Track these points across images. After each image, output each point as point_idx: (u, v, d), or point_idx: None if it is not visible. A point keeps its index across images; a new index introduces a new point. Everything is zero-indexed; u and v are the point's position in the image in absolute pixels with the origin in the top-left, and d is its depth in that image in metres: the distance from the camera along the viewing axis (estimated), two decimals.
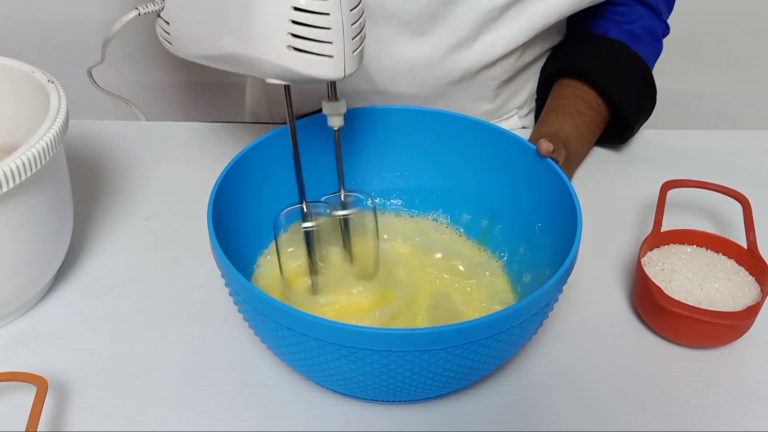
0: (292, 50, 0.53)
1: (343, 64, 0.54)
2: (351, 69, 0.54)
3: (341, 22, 0.52)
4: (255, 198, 0.65)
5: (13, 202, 0.57)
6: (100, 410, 0.58)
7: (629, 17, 0.88)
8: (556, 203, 0.62)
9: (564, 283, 0.55)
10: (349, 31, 0.53)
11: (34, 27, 1.31)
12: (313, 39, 0.52)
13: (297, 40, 0.52)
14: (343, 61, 0.53)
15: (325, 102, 0.60)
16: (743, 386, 0.61)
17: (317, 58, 0.53)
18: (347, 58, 0.54)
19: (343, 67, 0.54)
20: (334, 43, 0.53)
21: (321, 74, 0.54)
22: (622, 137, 0.88)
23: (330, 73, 0.54)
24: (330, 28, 0.52)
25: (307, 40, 0.52)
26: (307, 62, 0.53)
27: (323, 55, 0.53)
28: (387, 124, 0.70)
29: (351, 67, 0.54)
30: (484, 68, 0.87)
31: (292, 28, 0.52)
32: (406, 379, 0.52)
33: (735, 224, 0.76)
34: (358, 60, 0.55)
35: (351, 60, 0.54)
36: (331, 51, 0.53)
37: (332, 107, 0.60)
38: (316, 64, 0.53)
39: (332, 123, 0.61)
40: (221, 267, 0.54)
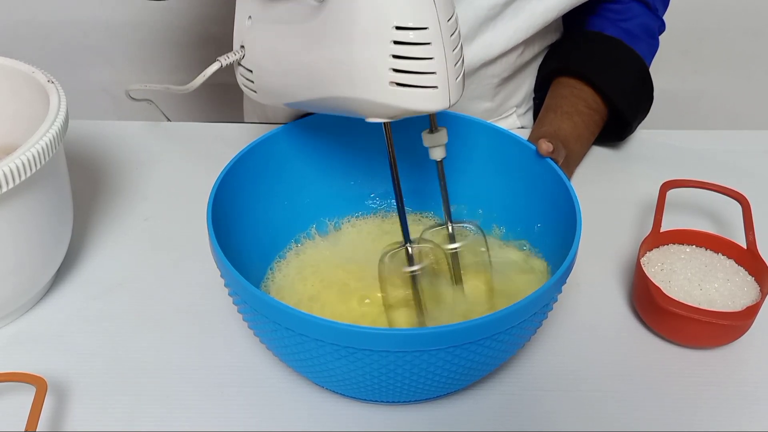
0: (395, 86, 0.50)
1: (448, 93, 0.51)
2: (456, 97, 0.52)
3: (443, 50, 0.50)
4: (255, 198, 0.65)
5: (12, 202, 0.57)
6: (100, 410, 0.58)
7: (625, 15, 0.88)
8: (556, 203, 0.62)
9: (563, 283, 0.55)
10: (451, 57, 0.50)
11: (34, 27, 1.31)
12: (417, 71, 0.50)
13: (399, 74, 0.50)
14: (448, 90, 0.51)
15: (425, 134, 0.57)
16: (742, 386, 0.61)
17: (422, 91, 0.50)
18: (452, 86, 0.51)
19: (448, 96, 0.51)
20: (438, 73, 0.50)
21: (426, 107, 0.51)
22: (621, 135, 0.88)
23: (436, 104, 0.51)
24: (432, 58, 0.50)
25: (410, 74, 0.50)
26: (412, 96, 0.50)
27: (428, 87, 0.50)
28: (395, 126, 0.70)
29: (456, 95, 0.52)
30: (484, 66, 0.87)
31: (394, 63, 0.49)
32: (406, 380, 0.52)
33: (734, 224, 0.76)
34: (462, 86, 0.53)
35: (455, 87, 0.51)
36: (436, 81, 0.50)
37: (433, 139, 0.57)
38: (420, 96, 0.50)
39: (434, 155, 0.58)
40: (221, 267, 0.54)
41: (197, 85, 0.71)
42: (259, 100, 0.66)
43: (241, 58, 0.64)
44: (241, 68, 0.65)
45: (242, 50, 0.62)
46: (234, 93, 1.18)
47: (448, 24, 0.50)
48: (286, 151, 0.67)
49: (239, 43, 0.65)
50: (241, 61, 0.64)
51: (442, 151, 0.58)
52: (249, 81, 0.64)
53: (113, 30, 1.32)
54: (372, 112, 0.53)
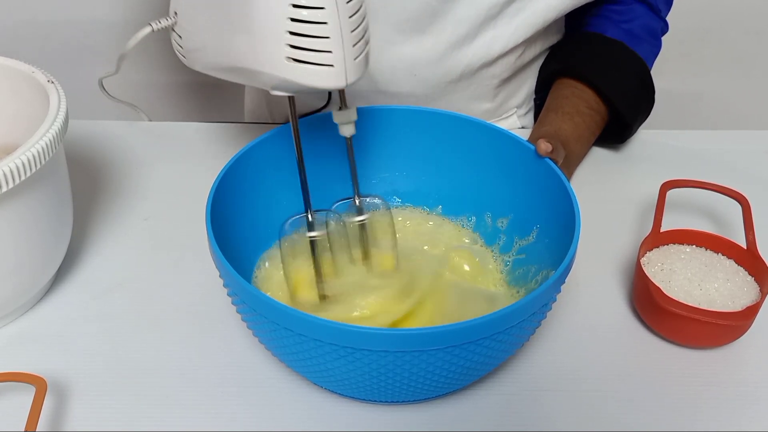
0: (292, 61, 0.52)
1: (345, 73, 0.52)
2: (354, 77, 0.53)
3: (340, 30, 0.51)
4: (254, 198, 0.65)
5: (12, 202, 0.57)
6: (99, 410, 0.58)
7: (627, 16, 0.88)
8: (555, 203, 0.62)
9: (562, 283, 0.55)
10: (348, 38, 0.51)
11: (34, 27, 1.31)
12: (312, 49, 0.51)
13: (296, 51, 0.51)
14: (344, 70, 0.52)
15: (335, 111, 0.59)
16: (742, 386, 0.61)
17: (318, 68, 0.52)
18: (348, 65, 0.52)
19: (344, 75, 0.52)
20: (334, 52, 0.51)
21: (322, 84, 0.52)
22: (621, 137, 0.88)
23: (332, 82, 0.52)
24: (328, 37, 0.51)
25: (306, 51, 0.51)
26: (308, 73, 0.52)
27: (324, 65, 0.52)
28: (385, 124, 0.70)
29: (353, 74, 0.53)
30: (485, 66, 0.87)
31: (290, 39, 0.51)
32: (405, 380, 0.52)
33: (734, 224, 0.76)
34: (361, 67, 0.54)
35: (353, 67, 0.53)
36: (332, 60, 0.51)
37: (342, 116, 0.59)
38: (317, 74, 0.52)
39: (344, 132, 0.60)
40: (220, 267, 0.54)
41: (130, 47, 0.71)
42: (188, 65, 0.66)
43: (173, 24, 0.65)
44: (174, 33, 0.66)
45: (175, 16, 0.64)
46: (234, 93, 1.18)
47: (347, 5, 0.51)
48: (284, 152, 0.67)
49: (173, 9, 0.66)
50: (174, 27, 0.65)
51: (351, 128, 0.60)
52: (179, 46, 0.66)
53: (113, 30, 1.32)
54: (273, 85, 0.54)
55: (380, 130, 0.70)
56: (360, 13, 0.53)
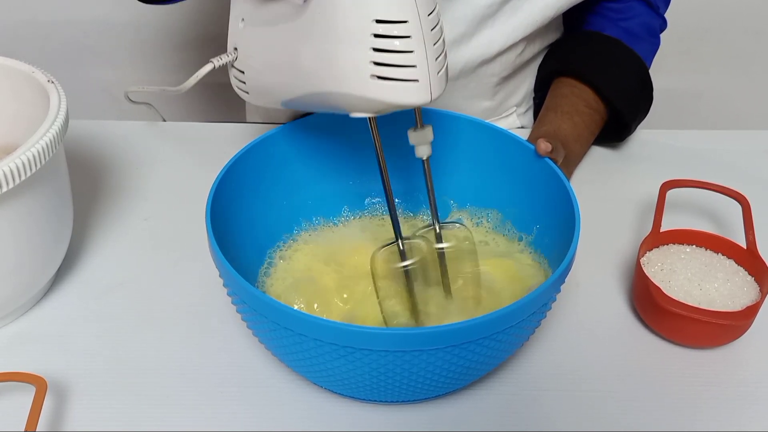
0: (377, 79, 0.50)
1: (429, 87, 0.51)
2: (438, 91, 0.52)
3: (423, 44, 0.50)
4: (254, 198, 0.65)
5: (12, 202, 0.57)
6: (99, 410, 0.58)
7: (626, 14, 0.88)
8: (555, 203, 0.62)
9: (562, 283, 0.55)
10: (432, 51, 0.50)
11: (34, 27, 1.31)
12: (397, 65, 0.50)
13: (380, 68, 0.50)
14: (429, 84, 0.51)
15: (411, 131, 0.57)
16: (742, 386, 0.61)
17: (402, 84, 0.50)
18: (433, 79, 0.51)
19: (429, 89, 0.51)
20: (418, 66, 0.50)
21: (408, 100, 0.51)
22: (620, 136, 0.88)
23: (417, 98, 0.51)
24: (413, 51, 0.50)
25: (390, 67, 0.50)
26: (393, 89, 0.50)
27: (409, 80, 0.50)
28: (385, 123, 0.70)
29: (437, 89, 0.52)
30: (483, 64, 0.87)
31: (374, 56, 0.50)
32: (405, 379, 0.52)
33: (734, 224, 0.76)
34: (443, 80, 0.53)
35: (437, 81, 0.51)
36: (416, 75, 0.50)
37: (419, 136, 0.57)
38: (401, 90, 0.51)
39: (420, 153, 0.57)
40: (219, 267, 0.54)
41: (190, 85, 0.71)
42: (251, 101, 0.66)
43: (234, 59, 0.64)
44: (234, 70, 0.66)
45: (235, 52, 0.63)
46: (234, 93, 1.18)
47: (428, 18, 0.50)
48: (284, 151, 0.67)
49: (233, 45, 0.65)
50: (234, 62, 0.65)
51: (427, 149, 0.57)
52: (241, 82, 0.65)
53: (113, 30, 1.32)
54: (355, 106, 0.53)
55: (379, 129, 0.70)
56: (440, 26, 0.52)
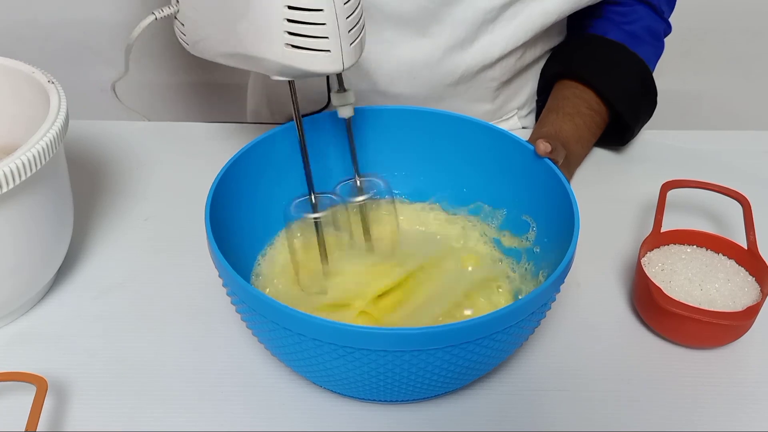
0: (291, 47, 0.54)
1: (341, 57, 0.55)
2: (350, 61, 0.56)
3: (335, 17, 0.53)
4: (253, 198, 0.65)
5: (12, 202, 0.57)
6: (100, 410, 0.58)
7: (629, 17, 0.88)
8: (555, 204, 0.62)
9: (561, 283, 0.55)
10: (344, 24, 0.54)
11: (34, 27, 1.31)
12: (309, 35, 0.53)
13: (294, 37, 0.54)
14: (341, 55, 0.55)
15: (333, 94, 0.61)
16: (743, 386, 0.61)
17: (315, 54, 0.54)
18: (345, 51, 0.55)
19: (341, 60, 0.55)
20: (330, 38, 0.54)
21: (320, 69, 0.55)
22: (622, 139, 0.88)
23: (329, 67, 0.55)
24: (325, 24, 0.53)
25: (303, 37, 0.53)
26: (306, 58, 0.54)
27: (321, 50, 0.54)
28: (386, 124, 0.70)
29: (350, 59, 0.55)
30: (484, 69, 0.87)
31: (288, 27, 0.53)
32: (404, 379, 0.52)
33: (735, 224, 0.76)
34: (357, 51, 0.56)
35: (349, 52, 0.55)
36: (328, 45, 0.54)
37: (341, 98, 0.61)
38: (314, 59, 0.54)
39: (342, 114, 0.62)
40: (219, 267, 0.54)
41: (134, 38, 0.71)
42: (192, 53, 0.67)
43: (176, 12, 0.65)
44: (176, 21, 0.67)
45: (177, 4, 0.64)
46: (234, 93, 1.18)
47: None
48: (283, 152, 0.67)
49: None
50: (176, 15, 0.66)
51: (350, 110, 0.62)
52: (182, 34, 0.67)
53: (113, 30, 1.32)
54: (274, 70, 0.57)
55: (380, 129, 0.70)
56: None
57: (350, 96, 0.62)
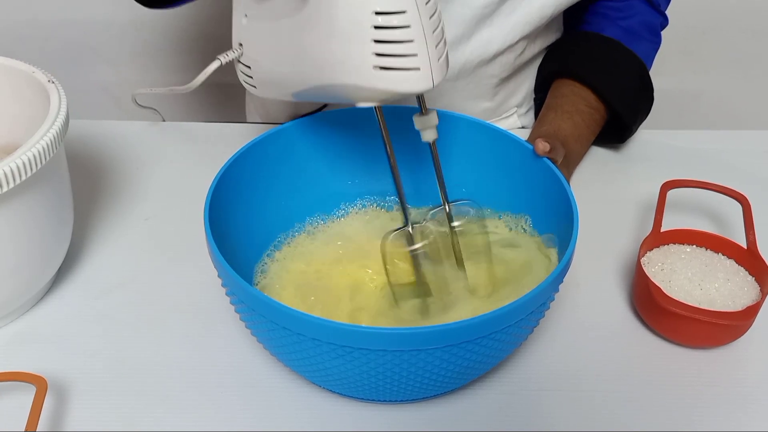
0: (379, 69, 0.52)
1: (431, 74, 0.53)
2: (439, 77, 0.54)
3: (423, 32, 0.51)
4: (252, 198, 0.65)
5: (12, 202, 0.57)
6: (99, 410, 0.58)
7: (626, 12, 0.88)
8: (554, 203, 0.62)
9: (560, 282, 0.55)
10: (431, 39, 0.52)
11: (34, 27, 1.31)
12: (398, 54, 0.51)
13: (382, 58, 0.52)
14: (431, 71, 0.53)
15: (416, 117, 0.59)
16: (742, 386, 0.61)
17: (404, 73, 0.52)
18: (434, 66, 0.53)
19: (431, 77, 0.53)
20: (419, 55, 0.52)
21: (411, 88, 0.53)
22: (621, 137, 0.88)
23: (419, 85, 0.53)
24: (413, 41, 0.51)
25: (392, 57, 0.51)
26: (395, 79, 0.52)
27: (410, 69, 0.52)
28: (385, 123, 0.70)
29: (439, 75, 0.53)
30: (482, 65, 0.87)
31: (375, 48, 0.51)
32: (403, 379, 0.52)
33: (735, 224, 0.76)
34: (444, 67, 0.54)
35: (438, 68, 0.53)
36: (418, 63, 0.52)
37: (424, 121, 0.59)
38: (404, 79, 0.52)
39: (426, 138, 0.60)
40: (217, 267, 0.54)
41: (198, 83, 0.72)
42: (259, 95, 0.67)
43: (239, 55, 0.65)
44: (240, 65, 0.67)
45: (240, 48, 0.64)
46: (234, 93, 1.18)
47: (426, 6, 0.51)
48: (281, 151, 0.67)
49: (237, 41, 0.66)
50: (240, 58, 0.66)
51: (433, 133, 0.59)
52: (248, 77, 0.66)
53: (113, 30, 1.32)
54: (360, 96, 0.55)
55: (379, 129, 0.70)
56: (438, 13, 0.53)
57: (433, 117, 0.59)
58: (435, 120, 0.59)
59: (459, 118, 0.69)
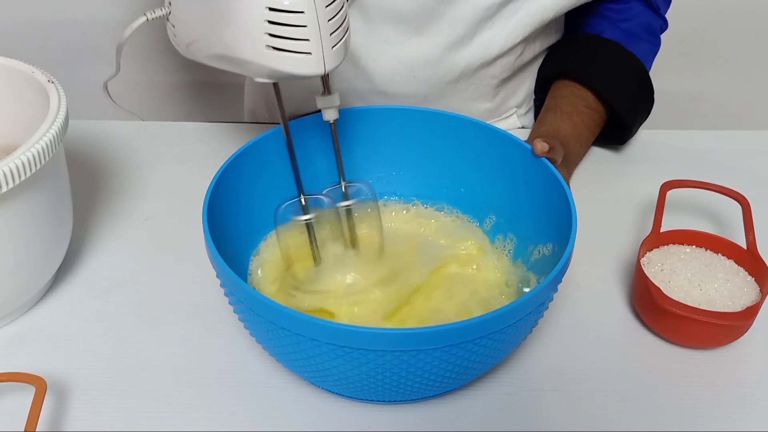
0: (272, 50, 0.54)
1: (323, 60, 0.54)
2: (332, 64, 0.55)
3: (316, 19, 0.53)
4: (251, 198, 0.65)
5: (12, 202, 0.57)
6: (99, 410, 0.58)
7: (625, 14, 0.88)
8: (553, 203, 0.62)
9: (559, 282, 0.54)
10: (326, 26, 0.53)
11: (34, 27, 1.31)
12: (290, 37, 0.53)
13: (275, 39, 0.53)
14: (323, 57, 0.54)
15: (318, 96, 0.61)
16: (742, 387, 0.61)
17: (296, 56, 0.54)
18: (326, 53, 0.54)
19: (322, 63, 0.54)
20: (312, 40, 0.53)
21: (301, 71, 0.54)
22: (621, 139, 0.88)
23: (310, 69, 0.54)
24: (306, 26, 0.53)
25: (284, 39, 0.53)
26: (287, 60, 0.54)
27: (302, 53, 0.54)
28: (383, 123, 0.70)
29: (332, 62, 0.55)
30: (483, 66, 0.87)
31: (269, 28, 0.53)
32: (402, 379, 0.52)
33: (734, 224, 0.76)
34: (339, 54, 0.56)
35: (331, 55, 0.55)
36: (309, 48, 0.53)
37: (325, 101, 0.61)
38: (295, 61, 0.54)
39: (327, 117, 0.62)
40: (216, 267, 0.54)
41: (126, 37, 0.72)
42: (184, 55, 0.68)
43: (167, 14, 0.65)
44: (168, 24, 0.67)
45: (169, 6, 0.65)
46: (234, 93, 1.18)
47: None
48: (280, 151, 0.67)
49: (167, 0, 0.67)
50: (168, 16, 0.66)
51: (334, 113, 0.62)
52: (174, 36, 0.67)
53: (113, 30, 1.31)
54: (256, 72, 0.56)
55: (378, 129, 0.70)
56: (338, 1, 0.54)
57: (335, 98, 0.61)
58: (337, 101, 0.61)
59: (458, 117, 0.69)
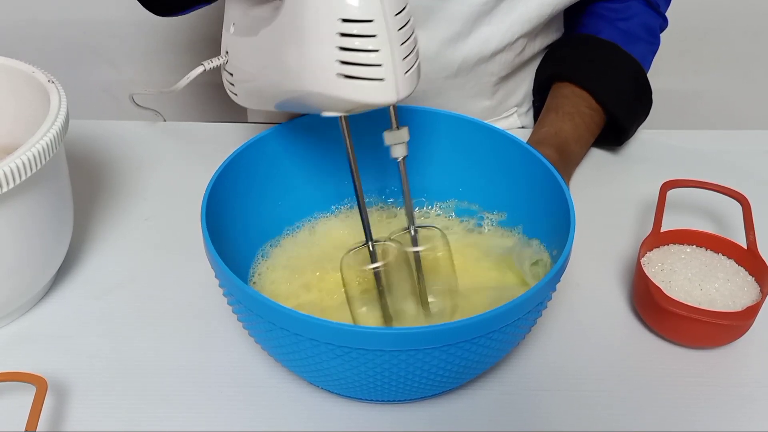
0: (343, 78, 0.51)
1: (395, 87, 0.51)
2: (405, 91, 0.52)
3: (389, 43, 0.50)
4: (250, 198, 0.65)
5: (12, 202, 0.57)
6: (100, 410, 0.58)
7: (624, 14, 0.88)
8: (552, 203, 0.62)
9: (557, 281, 0.55)
10: (398, 51, 0.51)
11: (34, 27, 1.31)
12: (363, 63, 0.50)
13: (346, 66, 0.50)
14: (395, 84, 0.51)
15: (386, 132, 0.57)
16: (742, 387, 0.61)
17: (368, 83, 0.50)
18: (399, 79, 0.51)
19: (395, 89, 0.51)
20: (384, 65, 0.50)
21: (373, 99, 0.51)
22: (619, 140, 0.87)
23: (383, 97, 0.51)
24: (378, 50, 0.50)
25: (356, 66, 0.50)
26: (359, 89, 0.51)
27: (374, 79, 0.50)
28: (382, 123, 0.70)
29: (405, 89, 0.52)
30: (481, 62, 0.87)
31: (340, 55, 0.50)
32: (401, 379, 0.52)
33: (735, 224, 0.76)
34: (413, 80, 0.53)
35: (404, 81, 0.51)
36: (382, 74, 0.50)
37: (394, 136, 0.57)
38: (367, 89, 0.51)
39: (395, 154, 0.57)
40: (215, 268, 0.54)
41: (182, 86, 0.73)
42: (241, 103, 0.67)
43: (225, 63, 0.65)
44: (225, 72, 0.67)
45: (226, 55, 0.64)
46: None
47: (396, 18, 0.50)
48: (277, 152, 0.67)
49: (224, 49, 0.67)
50: (225, 65, 0.66)
51: (403, 149, 0.57)
52: (231, 84, 0.66)
53: (113, 30, 1.32)
54: (325, 105, 0.54)
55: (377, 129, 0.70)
56: (409, 25, 0.52)
57: (404, 134, 0.56)
58: (405, 136, 0.57)
59: (457, 117, 0.69)
